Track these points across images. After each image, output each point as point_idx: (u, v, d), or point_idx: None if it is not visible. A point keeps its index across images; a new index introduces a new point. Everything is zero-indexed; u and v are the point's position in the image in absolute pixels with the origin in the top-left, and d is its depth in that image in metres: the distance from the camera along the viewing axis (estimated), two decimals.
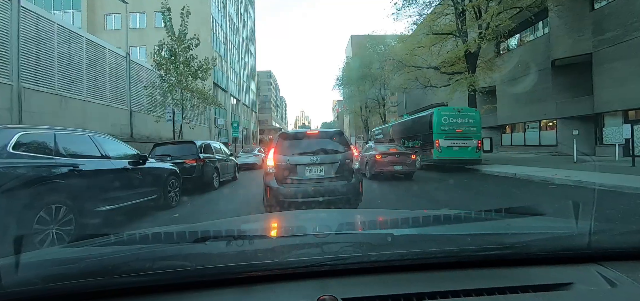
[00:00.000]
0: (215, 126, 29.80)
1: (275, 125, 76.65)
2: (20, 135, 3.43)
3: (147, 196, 5.27)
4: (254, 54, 56.88)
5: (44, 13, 11.58)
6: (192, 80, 14.66)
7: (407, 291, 0.76)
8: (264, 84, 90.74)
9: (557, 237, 1.10)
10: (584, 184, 7.08)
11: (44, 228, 3.30)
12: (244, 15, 48.97)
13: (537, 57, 17.42)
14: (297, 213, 2.92)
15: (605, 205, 4.98)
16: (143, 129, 16.53)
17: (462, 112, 12.44)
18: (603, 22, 13.88)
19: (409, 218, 1.65)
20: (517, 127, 20.58)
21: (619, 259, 0.90)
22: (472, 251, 0.94)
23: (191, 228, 1.46)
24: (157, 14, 25.91)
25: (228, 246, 0.95)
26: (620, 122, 13.37)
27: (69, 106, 12.00)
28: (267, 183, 4.36)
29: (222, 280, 0.81)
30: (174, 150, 8.30)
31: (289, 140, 4.70)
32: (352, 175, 4.53)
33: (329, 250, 0.92)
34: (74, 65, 12.47)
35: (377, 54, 29.66)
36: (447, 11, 15.25)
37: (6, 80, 9.67)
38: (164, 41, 14.08)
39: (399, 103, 38.20)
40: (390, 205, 5.76)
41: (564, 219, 1.35)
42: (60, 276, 0.80)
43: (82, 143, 4.29)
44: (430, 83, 17.69)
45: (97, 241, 1.22)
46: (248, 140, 44.99)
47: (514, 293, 0.76)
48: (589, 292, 0.79)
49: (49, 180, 3.52)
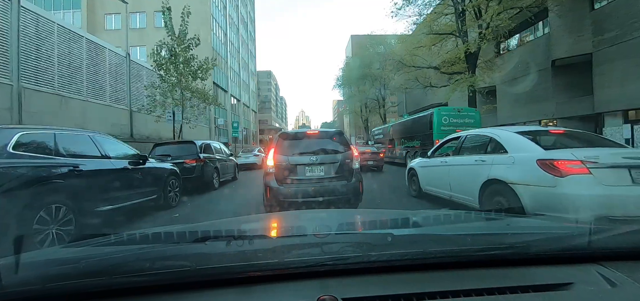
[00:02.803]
0: (215, 126, 29.80)
1: (275, 125, 76.63)
2: (20, 135, 3.43)
3: (147, 196, 5.27)
4: (254, 54, 56.88)
5: (44, 13, 11.57)
6: (192, 80, 14.67)
7: (407, 291, 0.76)
8: (264, 84, 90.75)
9: (557, 237, 1.10)
10: None
11: (44, 228, 3.30)
12: (244, 15, 48.97)
13: (537, 57, 17.42)
14: (297, 213, 2.91)
15: None
16: (143, 129, 16.53)
17: (462, 112, 12.46)
18: (603, 22, 13.88)
19: (409, 218, 1.64)
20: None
21: (619, 259, 0.89)
22: (472, 251, 0.94)
23: (191, 228, 1.46)
24: (157, 14, 25.97)
25: (228, 246, 0.94)
26: (620, 122, 13.37)
27: (69, 106, 12.01)
28: (267, 183, 4.36)
29: (222, 280, 0.81)
30: (174, 150, 8.29)
31: (289, 140, 4.70)
32: (352, 175, 4.53)
33: (329, 250, 0.92)
34: (74, 65, 12.47)
35: (377, 54, 29.70)
36: (447, 11, 15.25)
37: (6, 80, 9.67)
38: (164, 41, 14.08)
39: (399, 103, 38.18)
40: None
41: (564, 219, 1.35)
42: (60, 276, 0.80)
43: (82, 143, 4.29)
44: (430, 83, 17.70)
45: (97, 241, 1.22)
46: (248, 140, 45.00)
47: (514, 293, 0.76)
48: (589, 292, 0.79)
49: (49, 180, 3.52)
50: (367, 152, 12.94)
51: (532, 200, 3.41)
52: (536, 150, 3.62)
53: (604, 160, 3.06)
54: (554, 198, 3.16)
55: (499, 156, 4.02)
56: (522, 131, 4.14)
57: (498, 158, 4.02)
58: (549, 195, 3.23)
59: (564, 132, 4.37)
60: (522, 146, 3.83)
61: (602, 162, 3.05)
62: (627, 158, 3.08)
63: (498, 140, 4.19)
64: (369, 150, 13.58)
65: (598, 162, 3.05)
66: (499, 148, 4.11)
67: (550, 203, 3.21)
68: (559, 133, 4.28)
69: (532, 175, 3.42)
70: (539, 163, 3.36)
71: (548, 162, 3.29)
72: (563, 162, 3.19)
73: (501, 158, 3.96)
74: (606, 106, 14.05)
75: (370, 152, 13.26)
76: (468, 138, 5.09)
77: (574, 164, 3.12)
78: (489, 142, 4.39)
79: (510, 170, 3.74)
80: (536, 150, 3.60)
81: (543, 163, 3.33)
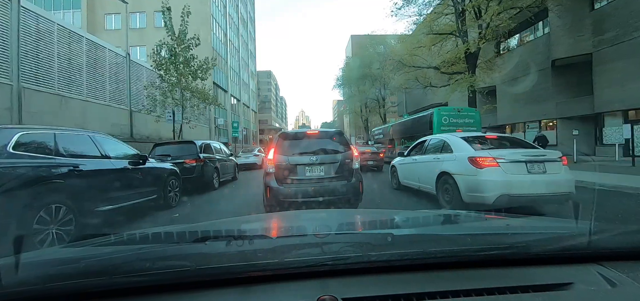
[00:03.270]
0: (215, 126, 29.80)
1: (275, 125, 76.66)
2: (20, 135, 3.43)
3: (147, 196, 5.26)
4: (254, 54, 56.88)
5: (44, 13, 11.58)
6: (192, 80, 14.67)
7: (407, 291, 0.76)
8: (264, 84, 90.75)
9: (557, 237, 1.10)
10: (584, 184, 7.08)
11: (44, 228, 3.30)
12: (244, 15, 48.97)
13: (537, 57, 17.42)
14: (297, 213, 2.91)
15: (605, 205, 4.99)
16: (143, 129, 16.53)
17: (462, 112, 12.45)
18: (603, 22, 13.88)
19: (409, 218, 1.65)
20: (517, 127, 20.57)
21: (619, 259, 0.89)
22: (472, 251, 0.94)
23: (191, 228, 1.46)
24: (157, 14, 25.94)
25: (228, 246, 0.94)
26: (620, 122, 13.37)
27: (69, 106, 12.01)
28: (267, 183, 4.36)
29: (222, 280, 0.81)
30: (174, 150, 8.29)
31: (289, 140, 4.70)
32: (352, 175, 4.53)
33: (329, 250, 0.92)
34: (74, 65, 12.48)
35: (377, 53, 29.68)
36: (447, 11, 15.25)
37: (6, 80, 9.67)
38: (164, 41, 14.09)
39: (399, 103, 38.19)
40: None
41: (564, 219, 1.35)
42: (60, 276, 0.80)
43: (82, 143, 4.29)
44: (430, 83, 17.69)
45: (97, 241, 1.22)
46: (248, 140, 45.00)
47: (514, 293, 0.76)
48: (589, 292, 0.79)
49: (49, 180, 3.51)
50: (367, 152, 13.06)
51: (464, 186, 4.71)
52: (469, 150, 4.88)
53: (509, 157, 4.45)
54: (476, 183, 4.51)
55: (448, 155, 5.29)
56: (464, 136, 5.38)
57: (447, 156, 5.30)
58: (474, 181, 4.55)
59: (496, 137, 5.57)
60: (462, 147, 5.09)
61: (507, 158, 4.43)
62: (526, 156, 4.46)
63: (448, 142, 5.50)
64: (369, 150, 13.70)
65: (505, 158, 4.43)
66: (448, 149, 5.39)
67: (474, 187, 4.55)
68: (491, 138, 5.48)
69: (465, 168, 4.73)
70: (469, 159, 4.67)
71: (474, 159, 4.62)
72: (482, 158, 4.54)
73: (448, 156, 5.25)
74: (606, 106, 14.05)
75: (370, 152, 13.39)
76: (430, 141, 6.35)
77: (488, 160, 4.49)
78: (443, 145, 5.65)
79: (453, 164, 5.04)
80: (469, 150, 4.86)
81: (471, 159, 4.64)
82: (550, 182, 4.33)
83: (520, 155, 4.46)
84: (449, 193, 5.02)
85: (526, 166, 4.36)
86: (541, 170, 4.39)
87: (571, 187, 4.42)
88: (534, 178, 4.32)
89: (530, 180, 4.30)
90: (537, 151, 4.74)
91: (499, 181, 4.30)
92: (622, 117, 13.54)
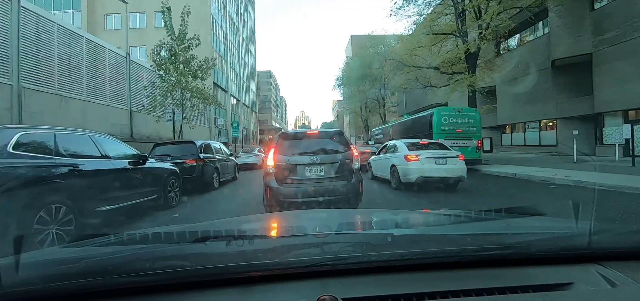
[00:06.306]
0: (215, 126, 29.78)
1: (275, 125, 76.59)
2: (20, 135, 3.43)
3: (147, 196, 5.27)
4: (254, 54, 56.87)
5: (44, 13, 11.57)
6: (192, 80, 14.67)
7: (407, 291, 0.76)
8: (264, 84, 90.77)
9: (557, 237, 1.10)
10: (584, 184, 7.08)
11: (44, 228, 3.30)
12: (244, 15, 48.96)
13: (537, 57, 17.41)
14: (297, 213, 2.91)
15: (605, 205, 4.99)
16: (143, 129, 16.52)
17: (462, 112, 12.43)
18: (603, 22, 13.88)
19: (409, 218, 1.65)
20: (517, 127, 20.58)
21: (619, 259, 0.89)
22: (472, 251, 0.94)
23: (191, 228, 1.46)
24: (157, 14, 25.93)
25: (228, 246, 0.95)
26: (620, 122, 13.37)
27: (69, 106, 12.00)
28: (267, 183, 4.36)
29: (222, 280, 0.81)
30: (174, 150, 8.30)
31: (289, 140, 4.70)
32: (352, 175, 4.53)
33: (329, 250, 0.92)
34: (74, 65, 12.46)
35: (377, 53, 29.71)
36: (447, 11, 15.25)
37: (6, 80, 9.66)
38: (164, 41, 14.08)
39: (399, 103, 38.19)
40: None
41: (564, 219, 1.35)
42: (60, 276, 0.80)
43: (82, 143, 4.29)
44: (430, 83, 17.68)
45: (97, 241, 1.21)
46: (248, 140, 44.98)
47: (514, 293, 0.76)
48: (589, 292, 0.79)
49: (49, 180, 3.52)
50: (367, 152, 12.97)
51: (401, 172, 7.50)
52: (406, 150, 7.77)
53: (426, 155, 7.34)
54: (407, 170, 7.32)
55: (396, 153, 8.13)
56: (406, 142, 8.36)
57: (395, 155, 8.17)
58: (406, 169, 7.37)
59: (427, 143, 8.40)
60: (402, 149, 8.00)
61: (425, 156, 7.32)
62: (436, 154, 7.38)
63: (396, 146, 8.49)
64: (369, 150, 13.67)
65: (422, 156, 7.30)
66: (396, 150, 8.28)
67: (406, 173, 7.34)
68: (423, 143, 8.31)
69: (402, 162, 7.57)
70: (404, 157, 7.51)
71: (406, 156, 7.48)
72: (410, 156, 7.41)
73: (395, 155, 8.12)
74: (606, 106, 14.05)
75: (370, 152, 13.31)
76: (389, 144, 9.29)
77: (413, 156, 7.37)
78: (394, 147, 8.61)
79: (397, 159, 7.89)
80: (406, 151, 7.76)
81: (405, 156, 7.50)
82: (448, 170, 7.25)
83: (433, 154, 7.39)
84: (395, 177, 7.84)
85: (435, 161, 7.28)
86: (444, 163, 7.29)
87: (463, 173, 7.31)
88: (439, 167, 7.23)
89: (436, 168, 7.22)
90: (444, 151, 7.56)
91: (417, 168, 7.18)
92: (622, 117, 13.53)
